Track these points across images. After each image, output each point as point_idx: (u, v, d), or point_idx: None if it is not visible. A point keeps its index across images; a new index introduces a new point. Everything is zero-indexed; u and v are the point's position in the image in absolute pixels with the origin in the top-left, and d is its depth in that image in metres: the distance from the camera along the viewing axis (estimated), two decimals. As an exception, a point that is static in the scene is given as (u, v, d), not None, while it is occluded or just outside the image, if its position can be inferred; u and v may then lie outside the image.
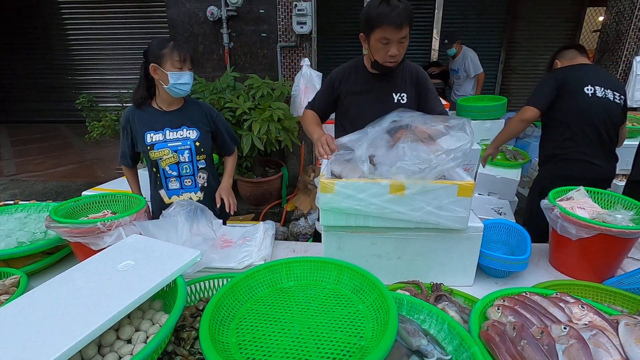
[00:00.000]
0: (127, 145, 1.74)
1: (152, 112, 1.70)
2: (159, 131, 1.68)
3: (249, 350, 0.79)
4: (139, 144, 1.70)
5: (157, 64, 1.57)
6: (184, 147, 1.69)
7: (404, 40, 1.52)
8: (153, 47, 1.60)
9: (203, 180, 1.80)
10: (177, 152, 1.69)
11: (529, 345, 0.75)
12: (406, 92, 1.71)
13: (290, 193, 4.02)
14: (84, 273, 0.93)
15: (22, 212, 1.61)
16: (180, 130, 1.70)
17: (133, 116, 1.69)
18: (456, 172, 1.27)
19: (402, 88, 1.70)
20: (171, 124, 1.69)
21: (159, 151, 1.67)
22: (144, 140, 1.67)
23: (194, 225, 1.32)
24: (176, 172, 1.72)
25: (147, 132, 1.67)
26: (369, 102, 1.71)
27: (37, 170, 5.03)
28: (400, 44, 1.52)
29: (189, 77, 1.62)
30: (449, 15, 5.82)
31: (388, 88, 1.70)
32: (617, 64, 4.09)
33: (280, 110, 3.44)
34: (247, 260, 1.31)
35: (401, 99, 1.70)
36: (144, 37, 6.75)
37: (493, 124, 3.61)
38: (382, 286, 0.91)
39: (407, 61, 1.72)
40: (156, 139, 1.67)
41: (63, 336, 0.69)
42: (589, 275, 1.27)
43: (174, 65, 1.57)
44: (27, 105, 7.50)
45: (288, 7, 3.92)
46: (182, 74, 1.59)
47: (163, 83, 1.60)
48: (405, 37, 1.51)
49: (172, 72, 1.57)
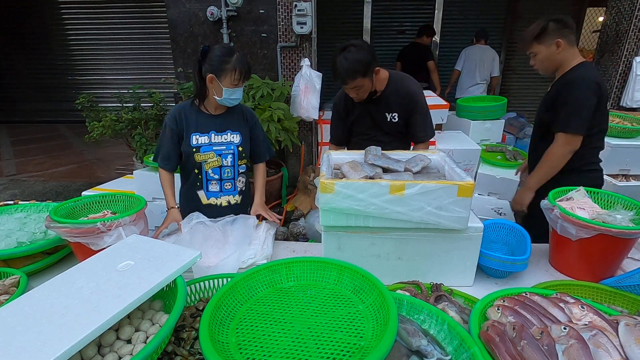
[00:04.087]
0: (173, 145, 1.68)
1: (199, 114, 1.69)
2: (205, 134, 1.68)
3: (248, 350, 0.79)
4: (183, 145, 1.67)
5: (215, 76, 1.55)
6: (228, 151, 1.70)
7: (358, 89, 1.74)
8: (215, 57, 1.54)
9: (242, 184, 1.82)
10: (221, 156, 1.69)
11: (528, 345, 0.75)
12: (397, 112, 1.88)
13: (290, 193, 4.01)
14: (84, 273, 0.92)
15: (22, 212, 1.61)
16: (225, 135, 1.70)
17: (181, 116, 1.67)
18: (456, 172, 1.27)
19: (393, 108, 1.88)
20: (217, 128, 1.69)
21: (204, 154, 1.67)
22: (189, 141, 1.66)
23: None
24: (218, 176, 1.73)
25: (193, 134, 1.66)
26: (368, 124, 1.94)
27: (37, 170, 5.03)
28: (356, 89, 1.74)
29: (241, 92, 1.63)
30: (449, 15, 5.82)
31: (380, 108, 1.89)
32: (617, 64, 4.09)
33: (280, 111, 3.44)
34: (250, 259, 1.31)
35: (393, 118, 1.89)
36: (144, 37, 6.76)
37: (493, 124, 3.62)
38: (382, 286, 0.91)
39: (401, 79, 1.87)
40: (202, 141, 1.67)
41: (63, 336, 0.69)
42: (588, 276, 1.27)
43: (232, 83, 1.56)
44: (27, 105, 7.50)
45: (288, 7, 3.91)
46: (237, 90, 1.59)
47: (216, 94, 1.59)
48: (357, 87, 1.73)
49: (228, 89, 1.57)
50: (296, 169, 4.36)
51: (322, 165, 1.36)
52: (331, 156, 1.53)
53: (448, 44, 5.90)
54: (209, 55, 1.56)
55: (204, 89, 1.63)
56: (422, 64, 4.64)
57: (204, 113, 1.69)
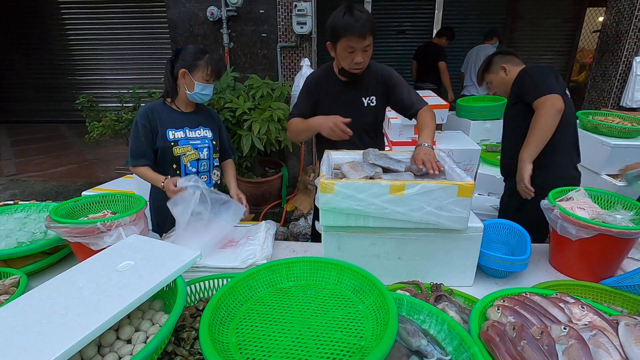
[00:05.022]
0: (148, 142, 1.68)
1: (171, 111, 1.74)
2: (180, 129, 1.73)
3: (248, 350, 0.79)
4: (158, 141, 1.70)
5: (188, 71, 1.64)
6: (203, 145, 1.78)
7: (368, 49, 1.62)
8: (189, 53, 1.66)
9: (217, 177, 1.88)
10: (198, 150, 1.76)
11: (528, 345, 0.75)
12: (375, 95, 1.80)
13: (290, 193, 4.02)
14: (84, 273, 0.93)
15: (22, 212, 1.61)
16: (198, 130, 1.78)
17: (153, 114, 1.70)
18: (456, 172, 1.27)
19: (370, 91, 1.80)
20: (190, 124, 1.76)
21: (183, 147, 1.72)
22: (165, 136, 1.69)
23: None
24: (195, 169, 1.78)
25: (168, 129, 1.71)
26: (342, 108, 1.75)
27: (37, 171, 5.03)
28: (365, 52, 1.62)
29: (211, 90, 1.72)
30: (449, 15, 5.81)
31: (357, 93, 1.80)
32: (617, 64, 4.09)
33: (280, 111, 3.44)
34: (250, 259, 1.31)
35: (370, 102, 1.81)
36: (144, 37, 6.75)
37: (493, 124, 3.61)
38: (382, 286, 0.91)
39: (373, 63, 1.79)
40: (178, 136, 1.72)
41: (63, 336, 0.69)
42: (588, 276, 1.27)
43: (204, 78, 1.66)
44: (27, 105, 7.49)
45: (288, 7, 3.92)
46: (208, 86, 1.69)
47: (187, 88, 1.68)
48: (369, 45, 1.60)
49: (199, 83, 1.66)
50: (296, 169, 4.36)
51: (322, 165, 1.37)
52: (331, 156, 1.53)
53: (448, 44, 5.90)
54: (181, 53, 1.68)
55: (175, 86, 1.72)
56: (433, 65, 4.53)
57: (175, 110, 1.75)
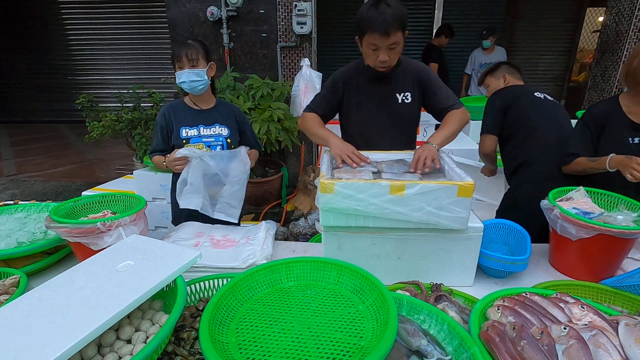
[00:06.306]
0: (162, 139, 1.78)
1: (187, 110, 1.78)
2: (194, 127, 1.76)
3: (248, 350, 0.79)
4: (172, 139, 1.76)
5: (173, 67, 1.69)
6: (217, 142, 1.78)
7: (395, 46, 1.48)
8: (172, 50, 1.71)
9: None
10: (210, 147, 1.77)
11: (528, 345, 0.75)
12: (410, 91, 1.68)
13: (290, 193, 4.02)
14: (84, 273, 0.92)
15: (22, 212, 1.60)
16: (213, 127, 1.79)
17: (170, 112, 1.76)
18: (456, 173, 1.27)
19: (405, 87, 1.68)
20: (205, 121, 1.78)
21: (194, 145, 1.74)
22: (179, 134, 1.74)
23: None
24: None
25: (182, 128, 1.74)
26: (374, 104, 1.69)
27: (37, 171, 5.03)
28: (391, 50, 1.49)
29: (187, 75, 1.65)
30: (449, 15, 5.81)
31: (391, 89, 1.68)
32: (617, 64, 4.10)
33: (280, 111, 3.44)
34: (250, 259, 1.31)
35: (405, 98, 1.68)
36: (144, 37, 6.76)
37: (493, 124, 3.61)
38: (382, 286, 0.91)
39: (407, 59, 1.70)
40: (191, 134, 1.75)
41: (63, 336, 0.69)
42: (588, 276, 1.27)
43: (177, 66, 1.67)
44: (27, 105, 7.50)
45: (288, 7, 3.92)
46: (181, 73, 1.66)
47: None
48: (396, 42, 1.47)
49: (177, 73, 1.67)
50: (296, 169, 4.37)
51: (322, 165, 1.36)
52: (331, 156, 1.53)
53: (448, 44, 5.90)
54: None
55: None
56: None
57: (193, 109, 1.79)
